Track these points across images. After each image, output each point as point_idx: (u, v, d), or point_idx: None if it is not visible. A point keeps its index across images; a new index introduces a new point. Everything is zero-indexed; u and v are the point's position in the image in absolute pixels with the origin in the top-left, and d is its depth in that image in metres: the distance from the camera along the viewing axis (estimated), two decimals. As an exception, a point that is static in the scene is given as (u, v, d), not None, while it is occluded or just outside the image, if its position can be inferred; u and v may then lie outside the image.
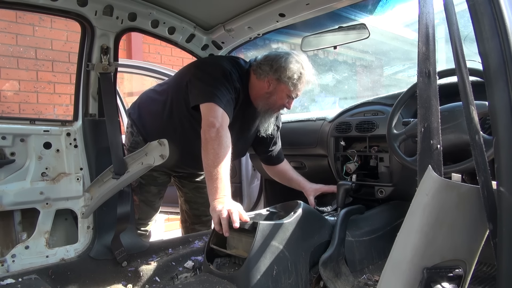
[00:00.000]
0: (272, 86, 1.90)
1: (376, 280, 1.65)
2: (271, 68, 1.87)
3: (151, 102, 2.08)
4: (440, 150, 0.90)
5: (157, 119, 2.00)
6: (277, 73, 1.86)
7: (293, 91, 1.90)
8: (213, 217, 1.49)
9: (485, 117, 1.47)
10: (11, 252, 1.67)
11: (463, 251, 0.94)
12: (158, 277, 1.81)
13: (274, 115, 2.08)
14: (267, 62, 1.90)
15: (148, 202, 2.14)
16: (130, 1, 1.87)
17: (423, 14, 0.95)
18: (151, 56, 4.75)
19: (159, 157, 1.63)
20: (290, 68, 1.85)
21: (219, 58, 1.98)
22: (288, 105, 1.98)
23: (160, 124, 1.99)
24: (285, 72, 1.85)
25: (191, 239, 2.11)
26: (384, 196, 2.03)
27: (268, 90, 1.91)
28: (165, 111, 1.96)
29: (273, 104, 1.95)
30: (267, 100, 1.94)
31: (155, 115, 2.01)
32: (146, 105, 2.10)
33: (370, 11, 4.97)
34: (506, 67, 0.82)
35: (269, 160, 2.30)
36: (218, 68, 1.83)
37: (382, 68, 7.47)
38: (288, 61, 1.87)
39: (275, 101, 1.94)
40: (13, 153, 1.71)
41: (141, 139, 2.03)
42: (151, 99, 2.09)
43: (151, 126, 2.03)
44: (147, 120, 2.06)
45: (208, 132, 1.62)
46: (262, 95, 1.93)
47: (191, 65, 2.03)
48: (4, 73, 3.77)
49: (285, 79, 1.86)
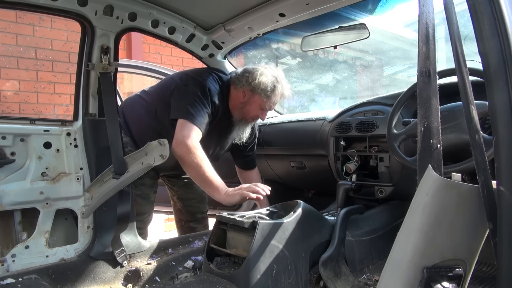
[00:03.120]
0: (247, 97, 2.03)
1: (376, 280, 1.65)
2: (247, 80, 2.01)
3: (136, 105, 2.15)
4: (440, 149, 0.90)
5: (142, 122, 2.09)
6: (252, 84, 1.99)
7: (266, 102, 2.03)
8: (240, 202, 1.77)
9: (485, 117, 1.47)
10: (11, 252, 1.66)
11: (463, 251, 0.94)
12: (158, 277, 1.82)
13: (250, 125, 2.19)
14: (244, 74, 2.04)
15: (143, 196, 2.16)
16: (130, 1, 1.87)
17: (423, 14, 0.95)
18: (151, 56, 4.75)
19: (159, 157, 1.64)
20: (264, 81, 1.98)
21: (202, 73, 2.05)
22: (262, 116, 2.11)
23: (145, 126, 2.07)
24: (259, 84, 1.98)
25: (191, 239, 2.11)
26: (384, 196, 2.03)
27: (243, 100, 2.04)
28: (151, 114, 2.06)
29: (247, 113, 2.07)
30: (242, 109, 2.06)
31: (140, 118, 2.10)
32: (131, 109, 2.17)
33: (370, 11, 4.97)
34: (506, 67, 0.82)
35: (244, 165, 2.44)
36: (198, 84, 1.94)
37: (382, 68, 7.48)
38: (263, 74, 2.00)
39: (249, 111, 2.06)
40: (13, 153, 1.70)
41: (129, 139, 2.09)
42: (138, 102, 2.16)
43: (136, 128, 2.10)
44: (131, 122, 2.13)
45: (178, 149, 1.79)
46: (238, 105, 2.06)
47: (176, 75, 2.11)
48: (4, 73, 3.77)
49: (258, 91, 1.99)
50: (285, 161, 2.63)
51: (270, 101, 2.03)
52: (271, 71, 2.04)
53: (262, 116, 2.10)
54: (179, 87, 1.96)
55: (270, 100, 2.02)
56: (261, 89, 1.98)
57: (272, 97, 2.02)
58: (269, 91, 1.99)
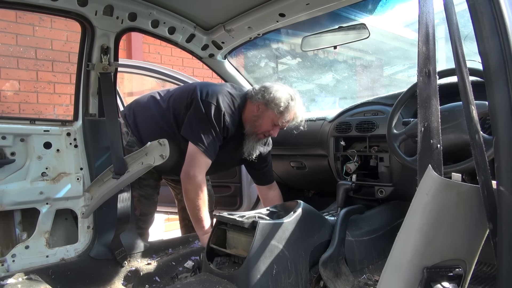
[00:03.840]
0: (260, 111, 2.02)
1: (376, 280, 1.65)
2: (262, 94, 2.01)
3: (150, 107, 2.14)
4: (440, 149, 0.90)
5: (155, 124, 2.08)
6: (266, 98, 1.99)
7: (279, 118, 2.01)
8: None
9: (485, 117, 1.47)
10: (11, 252, 1.66)
11: (463, 251, 0.94)
12: (158, 277, 1.82)
13: (260, 142, 2.16)
14: (261, 89, 2.05)
15: (148, 196, 2.16)
16: (130, 1, 1.87)
17: (423, 14, 0.95)
18: (151, 56, 4.74)
19: (159, 157, 1.64)
20: (278, 96, 1.98)
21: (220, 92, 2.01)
22: (274, 132, 2.09)
23: (159, 129, 2.06)
24: (273, 99, 1.98)
25: (191, 239, 2.11)
26: (384, 196, 2.03)
27: (256, 114, 2.03)
28: (166, 118, 2.06)
29: (258, 128, 2.05)
30: (254, 123, 2.04)
31: (154, 119, 2.09)
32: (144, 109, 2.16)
33: (370, 11, 4.97)
34: (506, 67, 0.82)
35: (257, 180, 2.39)
36: (216, 109, 1.94)
37: (382, 68, 7.47)
38: (278, 90, 2.00)
39: (261, 125, 2.04)
40: (13, 153, 1.71)
41: (135, 139, 2.09)
42: (152, 104, 2.15)
43: (146, 129, 2.10)
44: (142, 123, 2.12)
45: (187, 184, 1.89)
46: (251, 117, 2.05)
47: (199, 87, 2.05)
48: (4, 73, 3.77)
49: (272, 105, 1.98)
50: (285, 161, 2.63)
51: (282, 117, 2.00)
52: (287, 89, 2.04)
53: (273, 132, 2.08)
54: (197, 107, 1.94)
55: (282, 116, 2.00)
56: (274, 104, 1.97)
57: (285, 114, 2.00)
58: (282, 107, 1.97)
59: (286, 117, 2.02)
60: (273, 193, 2.37)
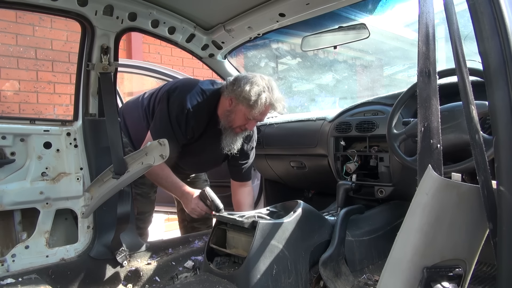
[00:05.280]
0: (232, 105, 1.96)
1: (376, 280, 1.65)
2: (233, 88, 1.95)
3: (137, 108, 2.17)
4: (440, 149, 0.90)
5: (140, 125, 2.11)
6: (235, 92, 1.93)
7: (250, 112, 1.92)
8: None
9: (485, 117, 1.47)
10: (11, 252, 1.66)
11: (463, 251, 0.94)
12: (158, 277, 1.82)
13: (240, 135, 2.08)
14: (233, 81, 1.98)
15: (144, 195, 2.17)
16: (130, 1, 1.86)
17: (423, 14, 0.95)
18: (151, 56, 4.74)
19: (159, 157, 1.63)
20: (247, 89, 1.88)
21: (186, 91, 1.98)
22: (249, 127, 2.02)
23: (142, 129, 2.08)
24: (241, 92, 1.90)
25: (191, 239, 2.11)
26: (384, 196, 2.03)
27: (229, 108, 1.97)
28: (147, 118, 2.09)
29: (232, 122, 1.99)
30: (227, 118, 1.99)
31: (139, 120, 2.12)
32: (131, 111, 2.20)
33: (370, 11, 4.97)
34: (506, 67, 0.82)
35: (232, 174, 2.31)
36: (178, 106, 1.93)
37: (382, 68, 7.47)
38: (248, 83, 1.90)
39: (234, 120, 1.98)
40: (13, 153, 1.70)
41: (128, 140, 2.13)
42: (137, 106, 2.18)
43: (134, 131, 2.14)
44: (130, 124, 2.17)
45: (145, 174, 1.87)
46: (224, 112, 2.00)
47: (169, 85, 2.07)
48: (4, 73, 3.77)
49: (241, 99, 1.90)
50: (285, 161, 2.63)
51: (254, 111, 1.90)
52: (260, 80, 1.93)
53: (249, 126, 2.01)
54: (163, 104, 1.97)
55: (253, 109, 1.90)
56: (243, 97, 1.89)
57: (256, 107, 1.89)
58: (252, 101, 1.87)
59: (257, 111, 1.91)
60: (244, 189, 2.30)
